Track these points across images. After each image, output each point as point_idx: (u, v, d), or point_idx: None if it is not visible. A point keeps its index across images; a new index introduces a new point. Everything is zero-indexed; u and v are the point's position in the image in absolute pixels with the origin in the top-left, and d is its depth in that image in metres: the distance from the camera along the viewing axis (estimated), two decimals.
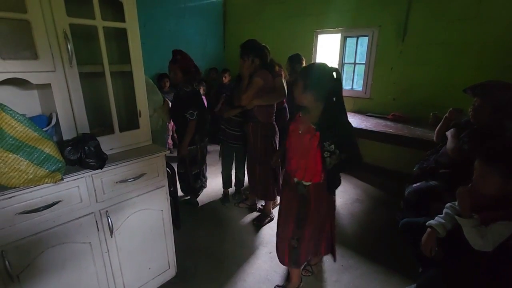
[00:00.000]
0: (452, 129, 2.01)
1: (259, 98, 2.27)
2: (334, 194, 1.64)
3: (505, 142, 1.47)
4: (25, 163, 1.09)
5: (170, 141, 4.29)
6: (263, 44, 2.32)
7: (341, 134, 1.43)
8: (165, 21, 4.34)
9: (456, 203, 1.37)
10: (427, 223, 1.46)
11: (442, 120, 2.15)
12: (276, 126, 2.47)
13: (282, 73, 2.37)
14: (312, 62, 4.15)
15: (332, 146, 1.41)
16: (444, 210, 1.46)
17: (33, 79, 1.18)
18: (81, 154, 1.24)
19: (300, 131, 1.51)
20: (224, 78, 4.47)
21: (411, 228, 1.67)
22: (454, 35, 2.92)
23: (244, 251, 2.19)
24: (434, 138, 2.23)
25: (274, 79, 2.30)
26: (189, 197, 2.92)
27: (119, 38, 1.55)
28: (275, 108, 2.44)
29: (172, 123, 4.14)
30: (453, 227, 1.39)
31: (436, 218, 1.46)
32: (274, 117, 2.44)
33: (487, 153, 1.31)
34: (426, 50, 3.12)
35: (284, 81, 2.35)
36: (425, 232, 1.45)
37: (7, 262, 1.10)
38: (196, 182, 2.78)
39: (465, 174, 1.41)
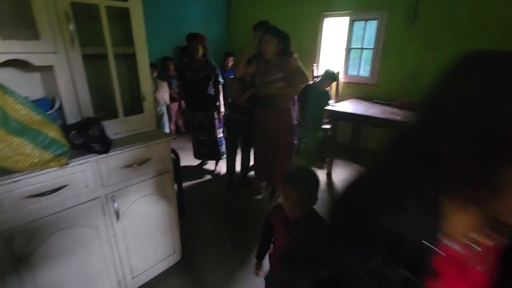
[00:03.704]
0: None
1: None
2: None
3: None
4: (30, 146, 1.07)
5: (173, 126, 4.26)
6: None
7: None
8: (165, 4, 4.20)
9: None
10: None
11: None
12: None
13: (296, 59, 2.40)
14: (317, 47, 4.05)
15: None
16: None
17: (35, 60, 1.15)
18: (86, 138, 1.23)
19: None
20: (227, 63, 4.34)
21: None
22: (467, 18, 2.81)
23: (247, 235, 2.21)
24: None
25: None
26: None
27: (122, 19, 1.49)
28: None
29: (175, 109, 4.12)
30: None
31: None
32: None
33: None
34: (437, 35, 3.02)
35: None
36: None
37: (15, 245, 1.11)
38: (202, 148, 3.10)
39: None
